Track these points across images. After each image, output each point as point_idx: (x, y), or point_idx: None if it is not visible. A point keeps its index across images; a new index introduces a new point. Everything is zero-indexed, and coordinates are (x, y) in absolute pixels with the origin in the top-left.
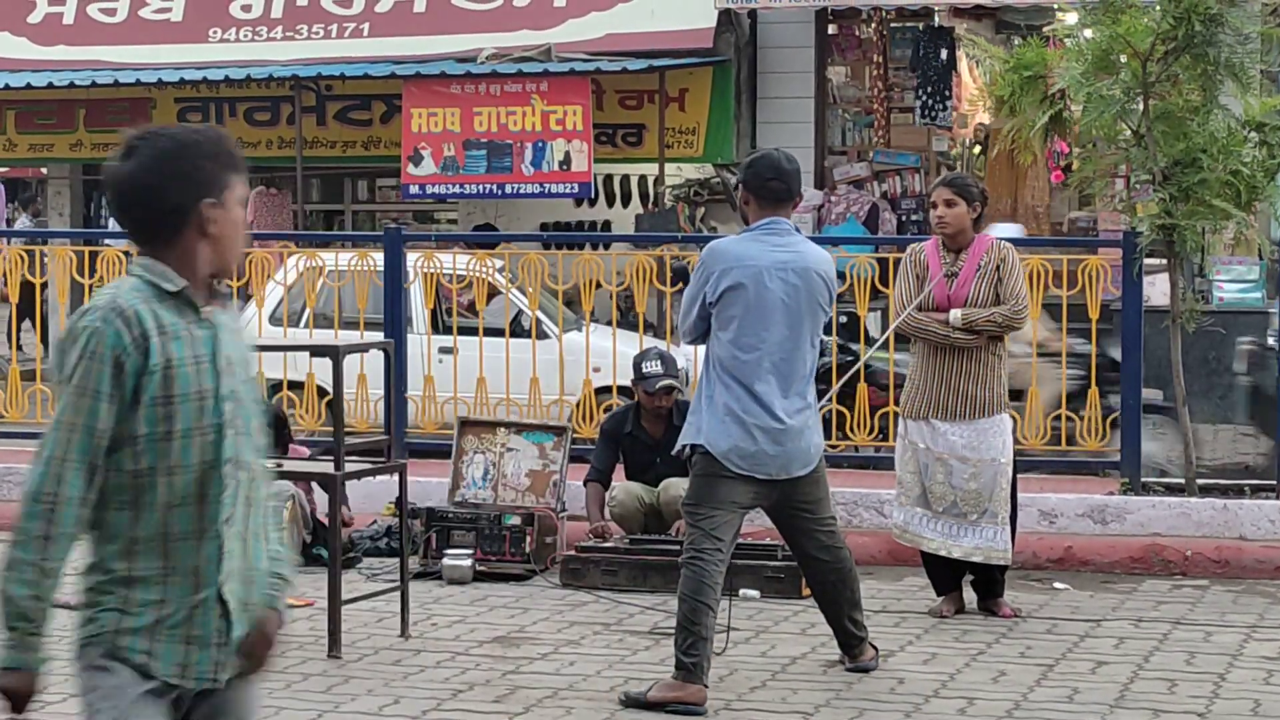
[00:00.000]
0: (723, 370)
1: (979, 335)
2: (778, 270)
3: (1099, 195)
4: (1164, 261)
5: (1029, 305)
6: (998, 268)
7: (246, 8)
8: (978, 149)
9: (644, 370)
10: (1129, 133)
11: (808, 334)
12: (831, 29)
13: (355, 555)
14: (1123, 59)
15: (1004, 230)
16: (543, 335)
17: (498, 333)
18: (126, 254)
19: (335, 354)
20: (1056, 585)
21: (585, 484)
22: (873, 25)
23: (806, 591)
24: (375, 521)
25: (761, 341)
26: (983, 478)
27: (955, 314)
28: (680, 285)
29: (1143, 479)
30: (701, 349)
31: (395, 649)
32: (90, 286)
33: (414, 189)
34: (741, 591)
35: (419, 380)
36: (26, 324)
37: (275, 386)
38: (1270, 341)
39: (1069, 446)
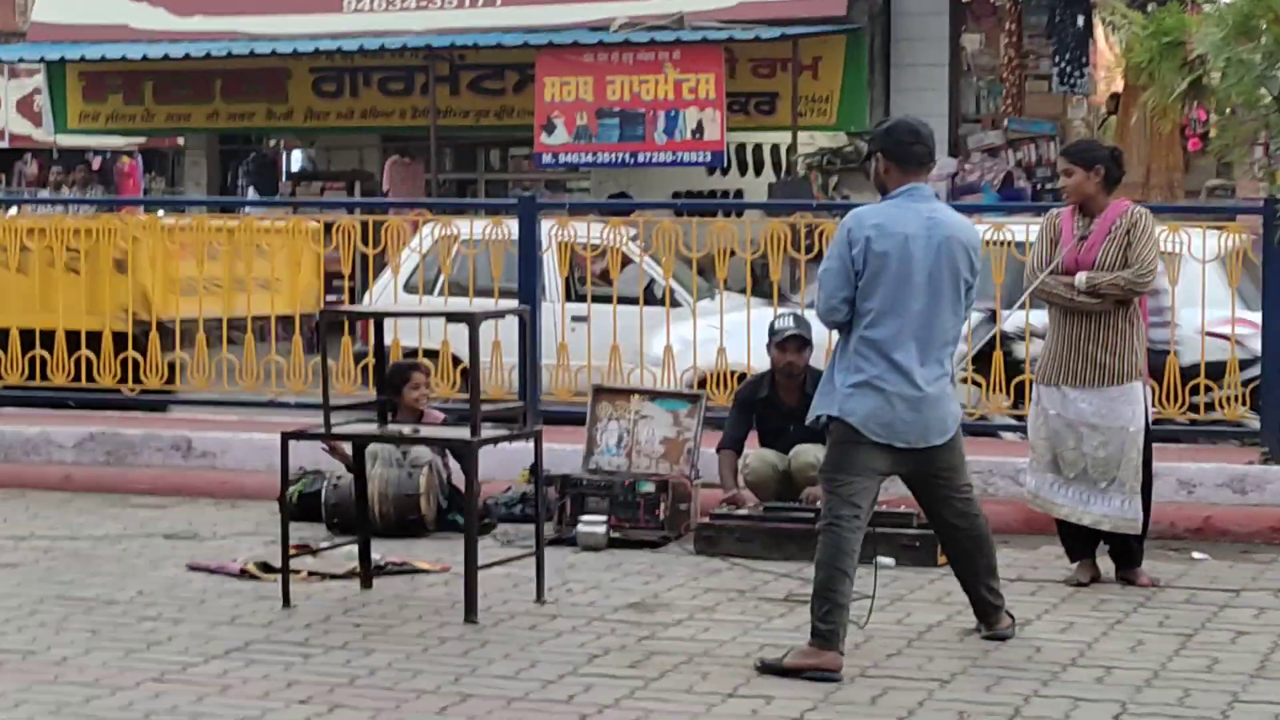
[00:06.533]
0: (861, 339)
1: (1104, 300)
2: (922, 238)
3: (1238, 163)
4: None
5: (1156, 271)
6: (1128, 232)
7: None
8: (1110, 117)
9: (775, 326)
10: (1269, 99)
11: (949, 303)
12: None
13: (491, 522)
14: (1264, 24)
15: None
16: (676, 304)
17: (631, 301)
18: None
19: (472, 320)
20: (1195, 555)
21: (718, 451)
22: None
23: (943, 559)
24: (510, 488)
25: (905, 310)
26: (1111, 446)
27: (1080, 277)
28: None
29: None
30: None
31: (531, 614)
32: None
33: (547, 158)
34: (877, 559)
35: (553, 348)
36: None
37: (411, 353)
38: None
39: (1208, 415)
